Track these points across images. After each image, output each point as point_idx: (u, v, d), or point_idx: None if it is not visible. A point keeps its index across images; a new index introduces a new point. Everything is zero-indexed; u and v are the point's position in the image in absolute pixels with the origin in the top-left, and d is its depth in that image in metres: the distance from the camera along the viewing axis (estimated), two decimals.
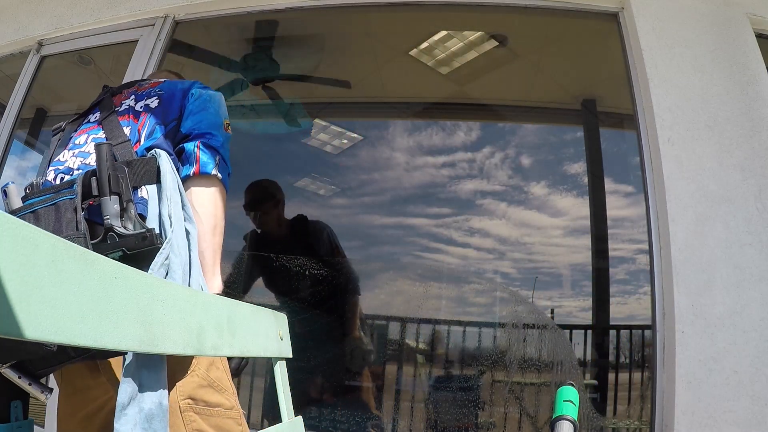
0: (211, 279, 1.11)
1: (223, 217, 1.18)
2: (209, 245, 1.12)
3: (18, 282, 0.32)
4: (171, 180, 1.04)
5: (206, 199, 1.16)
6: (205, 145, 1.18)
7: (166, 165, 1.07)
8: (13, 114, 2.60)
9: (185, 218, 1.04)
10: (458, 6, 2.25)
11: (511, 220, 3.51)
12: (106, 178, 0.97)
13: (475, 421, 2.98)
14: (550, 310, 3.29)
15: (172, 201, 1.01)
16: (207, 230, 1.12)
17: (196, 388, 0.95)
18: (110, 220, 0.93)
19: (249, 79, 3.01)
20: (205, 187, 1.17)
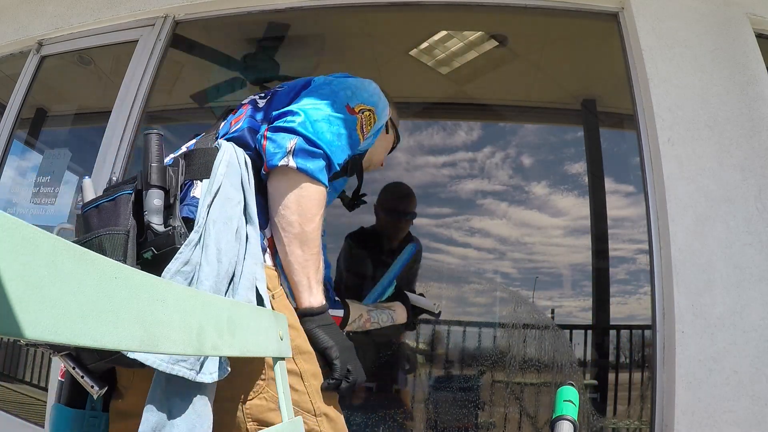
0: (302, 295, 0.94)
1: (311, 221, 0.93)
2: (295, 259, 0.93)
3: (18, 282, 0.32)
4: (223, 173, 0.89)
5: (282, 202, 0.94)
6: (276, 129, 0.95)
7: (223, 156, 0.91)
8: (13, 114, 2.60)
9: (247, 221, 0.89)
10: (458, 6, 2.25)
11: (512, 220, 3.51)
12: (149, 169, 0.87)
13: (475, 421, 2.98)
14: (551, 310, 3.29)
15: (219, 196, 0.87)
16: (287, 241, 0.93)
17: (264, 411, 0.86)
18: (149, 215, 0.84)
19: (249, 79, 3.01)
20: (279, 189, 0.94)
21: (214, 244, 0.82)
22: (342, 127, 0.99)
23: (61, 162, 2.66)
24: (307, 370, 0.91)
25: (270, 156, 0.94)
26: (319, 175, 0.94)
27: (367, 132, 1.06)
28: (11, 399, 2.54)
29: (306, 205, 0.93)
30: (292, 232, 0.93)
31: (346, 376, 0.92)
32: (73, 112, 3.18)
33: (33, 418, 2.23)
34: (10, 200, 2.71)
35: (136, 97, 2.27)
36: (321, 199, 0.95)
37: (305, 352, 0.92)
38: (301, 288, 0.94)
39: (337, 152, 0.98)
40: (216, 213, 0.86)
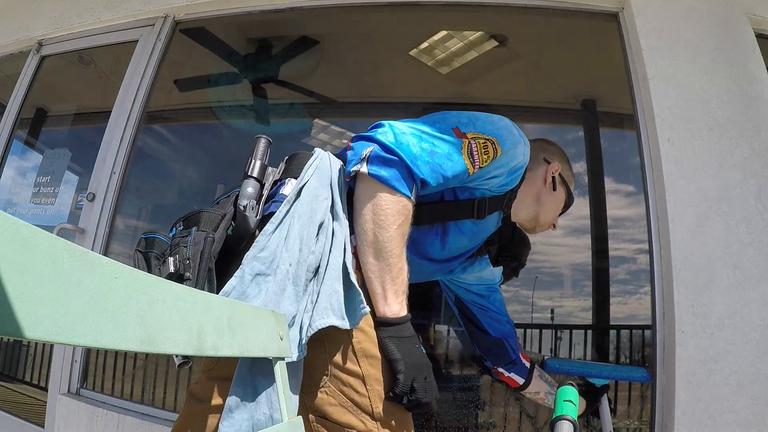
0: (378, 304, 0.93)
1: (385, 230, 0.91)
2: (368, 266, 0.93)
3: (18, 282, 0.32)
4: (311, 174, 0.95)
5: (358, 209, 0.93)
6: (359, 138, 0.96)
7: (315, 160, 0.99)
8: (13, 114, 2.61)
9: (334, 217, 0.93)
10: (458, 6, 2.25)
11: None
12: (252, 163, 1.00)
13: (475, 421, 2.98)
14: (551, 310, 3.29)
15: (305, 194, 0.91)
16: (362, 249, 0.93)
17: (325, 405, 0.88)
18: (240, 199, 0.95)
19: (249, 79, 3.01)
20: (357, 196, 0.95)
21: (297, 234, 0.89)
22: (437, 145, 0.96)
23: (61, 162, 2.66)
24: (371, 374, 0.91)
25: (347, 163, 0.96)
26: (396, 183, 0.91)
27: (481, 162, 0.99)
28: (11, 399, 2.54)
29: (380, 214, 0.91)
30: (366, 240, 0.92)
31: (409, 392, 0.90)
32: (73, 112, 3.19)
33: (33, 418, 2.23)
34: (10, 200, 2.72)
35: (136, 97, 2.27)
36: (398, 208, 0.92)
37: (371, 356, 0.92)
38: (375, 297, 0.94)
39: (424, 167, 0.93)
40: (302, 208, 0.91)
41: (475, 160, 0.99)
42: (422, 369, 0.93)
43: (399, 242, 0.93)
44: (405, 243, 0.95)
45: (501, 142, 1.02)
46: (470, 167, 0.99)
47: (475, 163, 0.99)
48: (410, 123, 0.98)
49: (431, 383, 0.93)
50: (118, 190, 2.18)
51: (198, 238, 0.89)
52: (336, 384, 0.89)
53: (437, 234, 1.13)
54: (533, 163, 1.24)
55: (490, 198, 1.12)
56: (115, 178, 2.18)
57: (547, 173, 1.32)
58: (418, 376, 0.91)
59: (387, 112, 3.55)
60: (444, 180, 0.97)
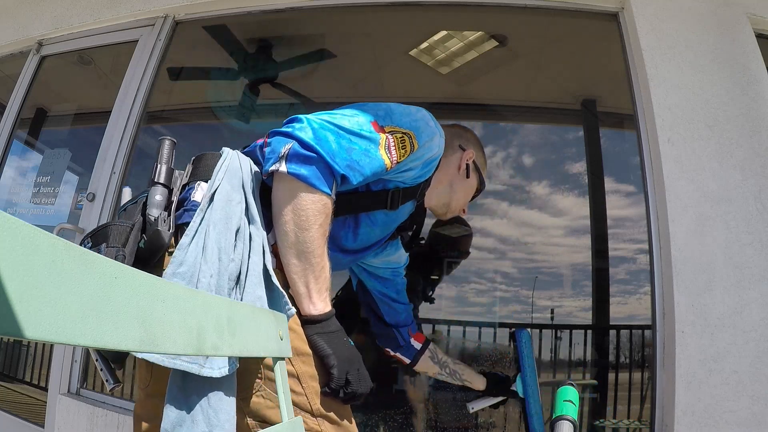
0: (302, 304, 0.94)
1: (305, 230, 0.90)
2: (292, 269, 0.92)
3: (18, 282, 0.32)
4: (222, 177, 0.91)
5: (278, 209, 0.92)
6: (276, 133, 0.93)
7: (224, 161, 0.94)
8: (13, 114, 2.61)
9: (249, 221, 0.91)
10: (458, 6, 2.25)
11: (512, 219, 3.51)
12: (156, 169, 0.95)
13: (475, 421, 2.98)
14: (550, 310, 3.29)
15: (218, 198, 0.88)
16: (284, 251, 0.92)
17: (263, 409, 0.88)
18: (149, 208, 0.91)
19: (249, 79, 3.01)
20: (276, 195, 0.92)
21: (215, 244, 0.84)
22: (355, 142, 0.93)
23: (61, 162, 2.66)
24: (305, 372, 0.92)
25: (265, 161, 0.93)
26: (316, 181, 0.89)
27: (399, 157, 0.98)
28: (11, 399, 2.54)
29: (301, 214, 0.89)
30: (288, 241, 0.91)
31: (344, 385, 0.92)
32: (73, 112, 3.18)
33: (33, 418, 2.23)
34: (10, 200, 2.71)
35: (136, 97, 2.27)
36: (319, 208, 0.90)
37: (302, 354, 0.93)
38: (300, 297, 0.94)
39: (343, 163, 0.91)
40: (216, 215, 0.86)
41: (393, 155, 0.97)
42: (354, 361, 0.94)
43: (321, 241, 0.93)
44: (326, 241, 0.95)
45: (417, 135, 1.01)
46: (388, 163, 0.97)
47: (393, 158, 0.98)
48: (328, 117, 0.94)
49: (364, 374, 0.95)
50: (118, 190, 2.18)
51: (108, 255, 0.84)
52: (271, 386, 0.87)
53: (350, 226, 1.12)
54: (448, 149, 1.24)
55: (404, 189, 1.12)
56: (115, 178, 2.18)
57: (461, 160, 1.32)
58: (350, 369, 0.93)
59: None
60: (363, 177, 0.95)
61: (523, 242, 3.53)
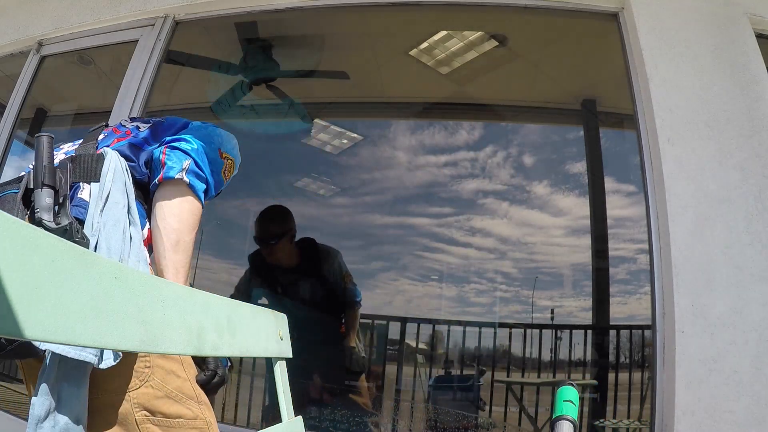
0: None
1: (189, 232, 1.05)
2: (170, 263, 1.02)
3: (18, 282, 0.32)
4: (111, 180, 0.98)
5: (168, 210, 1.04)
6: (173, 148, 1.07)
7: (110, 163, 1.00)
8: (13, 114, 2.60)
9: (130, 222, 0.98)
10: (458, 6, 2.25)
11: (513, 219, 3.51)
12: (41, 170, 0.92)
13: (475, 421, 2.98)
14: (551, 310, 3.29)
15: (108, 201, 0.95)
16: (167, 246, 1.02)
17: (152, 400, 0.90)
18: (40, 213, 0.88)
19: (249, 79, 3.01)
20: (169, 197, 1.05)
21: (105, 243, 0.90)
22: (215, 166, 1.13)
23: None
24: (185, 358, 0.97)
25: (167, 169, 1.05)
26: (201, 194, 1.07)
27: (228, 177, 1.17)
28: (11, 399, 2.54)
29: (188, 216, 1.05)
30: (173, 238, 1.02)
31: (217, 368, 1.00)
32: (73, 112, 3.19)
33: None
34: None
35: (136, 97, 2.27)
36: (199, 214, 1.08)
37: None
38: None
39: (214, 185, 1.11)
40: (106, 216, 0.93)
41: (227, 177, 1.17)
42: None
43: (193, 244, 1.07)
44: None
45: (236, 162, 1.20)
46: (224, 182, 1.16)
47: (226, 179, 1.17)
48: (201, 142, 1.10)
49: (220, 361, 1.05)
50: None
51: None
52: (160, 374, 0.91)
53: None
54: None
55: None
56: None
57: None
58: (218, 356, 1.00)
59: (387, 112, 3.56)
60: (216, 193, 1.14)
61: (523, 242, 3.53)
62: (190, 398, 0.94)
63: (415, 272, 3.68)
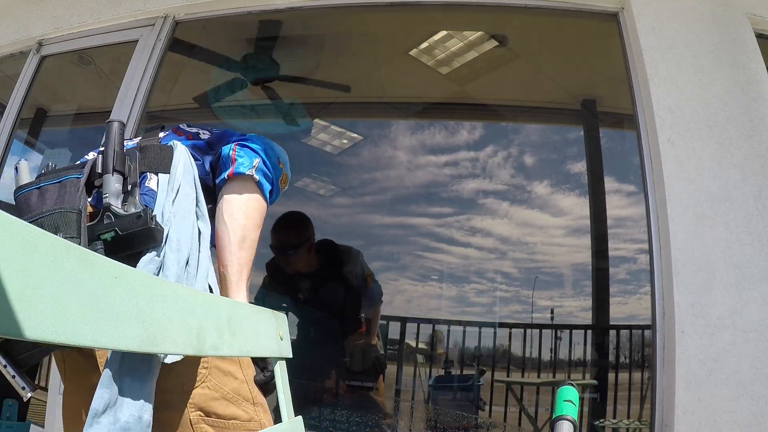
0: (236, 295, 1.00)
1: (255, 229, 1.05)
2: (234, 258, 1.01)
3: (18, 282, 0.32)
4: (182, 172, 0.97)
5: (237, 206, 1.04)
6: (243, 146, 1.07)
7: (180, 156, 0.99)
8: (13, 114, 2.60)
9: (198, 216, 0.97)
10: (458, 6, 2.24)
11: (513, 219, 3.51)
12: (112, 155, 0.92)
13: (475, 421, 2.98)
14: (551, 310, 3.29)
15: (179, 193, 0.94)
16: (233, 242, 1.01)
17: (208, 401, 0.89)
18: (108, 198, 0.88)
19: (249, 79, 3.01)
20: (237, 193, 1.05)
21: (175, 234, 0.89)
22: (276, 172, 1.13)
23: (61, 162, 2.66)
24: (244, 359, 0.96)
25: (238, 164, 1.05)
26: (267, 194, 1.08)
27: (283, 189, 1.17)
28: None
29: (255, 214, 1.05)
30: (240, 234, 1.02)
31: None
32: (73, 112, 3.19)
33: (33, 418, 2.23)
34: (11, 200, 2.71)
35: (136, 97, 2.27)
36: (264, 213, 1.07)
37: None
38: (236, 287, 1.01)
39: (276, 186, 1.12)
40: (176, 207, 0.92)
41: (282, 187, 1.17)
42: None
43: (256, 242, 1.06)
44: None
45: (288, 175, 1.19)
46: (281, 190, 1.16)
47: (282, 189, 1.16)
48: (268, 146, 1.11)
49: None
50: None
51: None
52: (217, 376, 0.90)
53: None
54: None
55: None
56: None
57: None
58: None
59: (387, 112, 3.56)
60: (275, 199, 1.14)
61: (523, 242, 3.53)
62: (246, 400, 0.93)
63: (415, 272, 3.68)
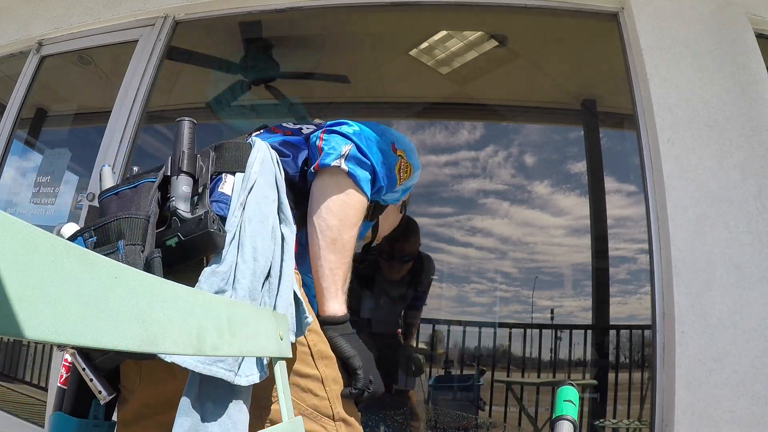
0: (328, 302, 0.92)
1: (348, 229, 0.92)
2: (324, 263, 0.91)
3: (18, 282, 0.32)
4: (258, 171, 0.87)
5: (324, 204, 0.92)
6: (332, 131, 0.95)
7: (258, 153, 0.90)
8: (13, 114, 2.60)
9: (281, 220, 0.87)
10: (458, 6, 2.25)
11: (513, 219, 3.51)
12: (180, 155, 0.85)
13: (475, 421, 2.98)
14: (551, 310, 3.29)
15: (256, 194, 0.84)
16: (322, 245, 0.91)
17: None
18: (175, 201, 0.80)
19: (249, 79, 3.01)
20: (325, 188, 0.93)
21: (250, 242, 0.80)
22: (387, 158, 0.99)
23: (61, 162, 2.66)
24: (329, 375, 0.90)
25: (324, 155, 0.93)
26: (365, 185, 0.93)
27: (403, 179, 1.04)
28: (11, 399, 2.54)
29: (348, 211, 0.92)
30: (329, 236, 0.91)
31: (368, 386, 0.91)
32: (73, 112, 3.18)
33: (33, 418, 2.23)
34: (10, 200, 2.72)
35: (136, 97, 2.27)
36: (362, 209, 0.94)
37: (327, 357, 0.91)
38: (328, 294, 0.92)
39: (382, 174, 0.96)
40: (251, 211, 0.83)
41: (401, 177, 1.03)
42: (373, 362, 0.94)
43: (355, 242, 0.94)
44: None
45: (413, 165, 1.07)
46: (398, 182, 1.03)
47: (400, 180, 1.03)
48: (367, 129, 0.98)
49: (379, 375, 0.95)
50: None
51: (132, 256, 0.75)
52: (295, 392, 0.85)
53: None
54: None
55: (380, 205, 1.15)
56: (115, 178, 2.18)
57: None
58: (372, 370, 0.92)
59: (387, 112, 3.56)
60: (387, 189, 1.00)
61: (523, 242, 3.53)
62: (326, 416, 0.88)
63: None
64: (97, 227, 0.79)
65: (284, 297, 0.81)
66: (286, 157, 0.99)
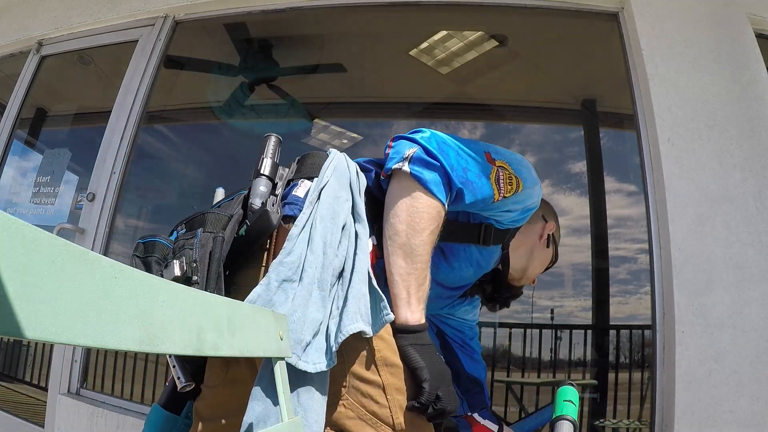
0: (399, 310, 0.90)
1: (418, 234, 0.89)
2: (395, 270, 0.90)
3: (18, 282, 0.32)
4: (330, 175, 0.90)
5: (392, 209, 0.91)
6: (401, 137, 0.95)
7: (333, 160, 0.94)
8: (13, 114, 2.61)
9: (356, 219, 0.89)
10: (458, 6, 2.25)
11: None
12: (261, 161, 0.95)
13: None
14: (551, 310, 3.29)
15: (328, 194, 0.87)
16: (391, 250, 0.91)
17: (343, 419, 0.83)
18: (252, 198, 0.90)
19: (249, 80, 3.01)
20: (391, 194, 0.93)
21: (320, 237, 0.84)
22: (471, 164, 0.95)
23: (61, 162, 2.67)
24: (392, 384, 0.87)
25: (388, 159, 0.94)
26: (434, 187, 0.90)
27: (505, 192, 0.99)
28: (11, 399, 2.54)
29: (415, 216, 0.90)
30: (397, 242, 0.90)
31: (434, 401, 0.87)
32: (73, 112, 3.19)
33: (33, 418, 2.23)
34: (10, 200, 2.71)
35: (136, 97, 2.27)
36: (433, 213, 0.91)
37: (392, 365, 0.88)
38: (399, 301, 0.91)
39: (459, 179, 0.92)
40: (323, 210, 0.86)
41: (501, 188, 0.98)
42: (446, 377, 0.90)
43: (429, 248, 0.92)
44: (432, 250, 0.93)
45: (523, 179, 1.02)
46: (496, 194, 0.98)
47: (501, 191, 0.98)
48: (448, 135, 0.97)
49: (453, 392, 0.91)
50: (118, 190, 2.18)
51: (205, 239, 0.85)
52: (355, 396, 0.84)
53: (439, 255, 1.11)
54: (532, 216, 1.21)
55: (496, 228, 1.11)
56: (115, 178, 2.18)
57: (544, 230, 1.32)
58: (442, 385, 0.88)
59: (387, 112, 3.56)
60: (474, 198, 0.96)
61: None
62: (387, 424, 0.85)
63: None
64: (188, 221, 0.91)
65: (356, 288, 0.82)
66: (368, 172, 1.01)
